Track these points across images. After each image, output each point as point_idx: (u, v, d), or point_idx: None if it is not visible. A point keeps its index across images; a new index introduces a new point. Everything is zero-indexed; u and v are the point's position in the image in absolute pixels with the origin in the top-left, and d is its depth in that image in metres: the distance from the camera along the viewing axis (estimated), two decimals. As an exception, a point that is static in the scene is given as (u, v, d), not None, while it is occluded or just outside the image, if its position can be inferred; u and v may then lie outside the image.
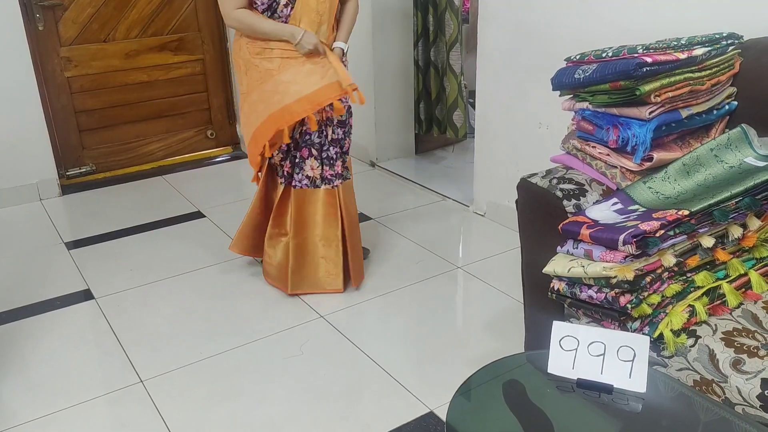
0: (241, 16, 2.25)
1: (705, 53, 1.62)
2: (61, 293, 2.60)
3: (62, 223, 3.26)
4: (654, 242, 1.37)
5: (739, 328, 1.37)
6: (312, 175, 2.42)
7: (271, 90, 2.29)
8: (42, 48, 3.48)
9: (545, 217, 1.66)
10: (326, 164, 2.42)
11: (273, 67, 2.28)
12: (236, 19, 2.26)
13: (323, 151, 2.42)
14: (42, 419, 1.94)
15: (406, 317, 2.41)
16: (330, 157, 2.42)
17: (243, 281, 2.65)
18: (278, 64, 2.28)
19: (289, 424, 1.90)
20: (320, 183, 2.43)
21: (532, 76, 2.72)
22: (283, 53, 2.27)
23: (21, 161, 3.42)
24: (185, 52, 3.91)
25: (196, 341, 2.28)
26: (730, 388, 1.27)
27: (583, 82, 1.66)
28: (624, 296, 1.40)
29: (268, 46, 2.28)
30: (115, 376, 2.12)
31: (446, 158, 3.99)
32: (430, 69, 3.77)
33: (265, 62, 2.29)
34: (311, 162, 2.41)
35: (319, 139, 2.40)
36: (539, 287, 1.66)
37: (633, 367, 1.23)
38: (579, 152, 1.77)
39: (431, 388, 2.02)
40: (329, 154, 2.42)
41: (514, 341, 2.11)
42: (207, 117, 4.12)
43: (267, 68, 2.29)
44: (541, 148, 2.67)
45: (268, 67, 2.29)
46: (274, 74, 2.28)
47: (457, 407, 1.27)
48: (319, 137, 2.39)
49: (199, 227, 3.17)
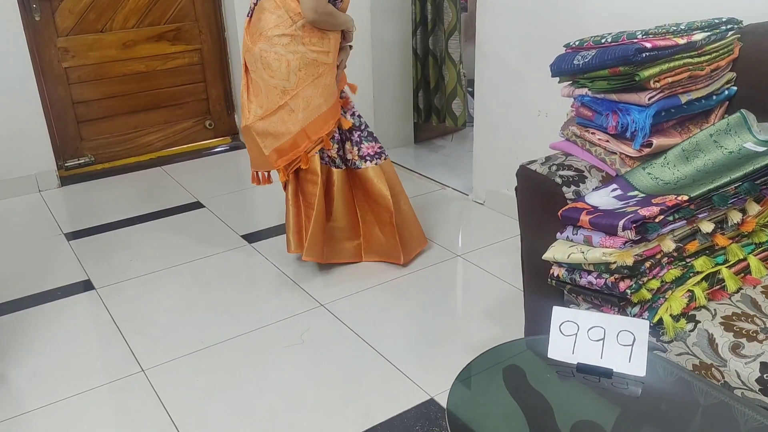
0: (332, 9, 2.27)
1: (704, 38, 1.62)
2: (61, 284, 2.61)
3: (61, 214, 3.26)
4: (653, 227, 1.37)
5: (739, 313, 1.38)
6: (351, 158, 2.51)
7: (331, 83, 2.36)
8: (39, 38, 3.47)
9: (545, 203, 1.66)
10: (371, 140, 2.53)
11: (330, 61, 2.34)
12: (329, 12, 2.25)
13: (365, 129, 2.53)
14: (46, 408, 1.95)
15: (406, 305, 2.42)
16: (353, 140, 2.50)
17: (243, 271, 2.65)
18: (333, 58, 2.35)
19: (290, 412, 1.91)
20: (340, 163, 2.51)
21: (531, 64, 2.71)
22: (336, 45, 2.35)
23: (19, 153, 3.42)
24: (183, 42, 3.89)
25: (196, 330, 2.29)
26: (729, 372, 1.28)
27: (583, 68, 1.65)
28: (623, 281, 1.40)
29: (326, 37, 2.30)
30: (117, 366, 2.12)
31: (445, 147, 3.99)
32: (429, 58, 3.75)
33: (323, 56, 2.30)
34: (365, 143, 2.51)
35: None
36: (539, 274, 1.67)
37: (633, 351, 1.23)
38: (578, 139, 1.77)
39: (431, 375, 2.03)
40: (353, 137, 2.50)
41: (514, 328, 2.12)
42: (205, 107, 4.11)
43: (325, 62, 2.32)
44: (540, 136, 2.65)
45: (327, 61, 2.32)
46: (332, 68, 2.36)
47: (458, 393, 1.27)
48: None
49: (198, 217, 3.17)
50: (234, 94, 4.15)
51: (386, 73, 3.73)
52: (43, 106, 3.45)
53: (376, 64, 3.67)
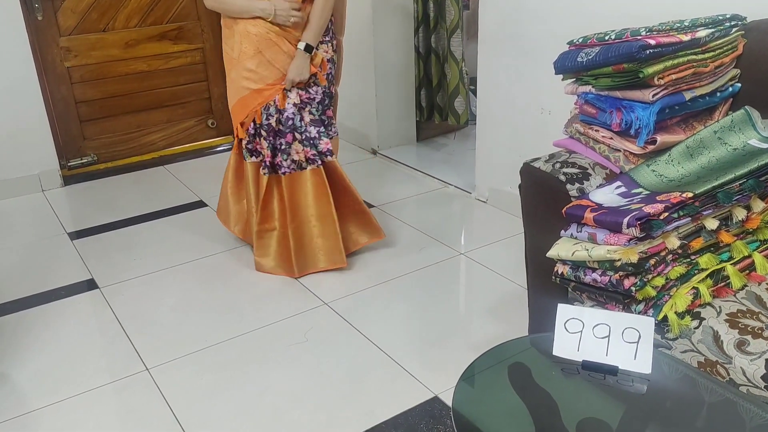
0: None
1: (708, 35, 1.62)
2: (65, 283, 2.61)
3: (65, 213, 3.27)
4: (658, 225, 1.37)
5: (744, 310, 1.38)
6: (297, 159, 2.46)
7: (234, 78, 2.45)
8: (41, 38, 3.47)
9: (548, 201, 1.66)
10: (307, 145, 2.44)
11: (234, 55, 2.41)
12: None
13: (303, 133, 2.44)
14: (50, 406, 1.95)
15: (409, 303, 2.41)
16: (311, 137, 2.44)
17: (246, 269, 2.65)
18: (238, 52, 2.38)
19: (294, 411, 1.91)
20: (305, 164, 2.47)
21: (533, 62, 2.71)
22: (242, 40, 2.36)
23: (22, 152, 3.42)
24: (185, 41, 3.90)
25: (200, 329, 2.29)
26: (734, 369, 1.28)
27: (586, 66, 1.65)
28: (628, 279, 1.40)
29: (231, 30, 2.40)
30: (121, 364, 2.13)
31: (448, 145, 3.98)
32: (431, 56, 3.75)
33: (228, 48, 2.43)
34: (296, 146, 2.45)
35: (300, 123, 2.43)
36: (543, 271, 1.67)
37: (638, 348, 1.23)
38: (582, 136, 1.77)
39: (435, 373, 2.03)
40: (309, 134, 2.44)
41: (518, 326, 2.11)
42: (207, 106, 4.11)
43: (229, 54, 2.43)
44: (543, 134, 2.66)
45: (230, 54, 2.43)
46: (234, 62, 2.41)
47: (463, 391, 1.27)
48: (300, 122, 2.43)
49: (201, 216, 3.17)
50: (236, 93, 4.15)
51: (388, 71, 3.73)
52: (46, 105, 3.46)
53: (378, 62, 3.66)
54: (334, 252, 2.54)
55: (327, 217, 2.50)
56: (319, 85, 2.45)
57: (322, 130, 2.46)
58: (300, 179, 2.48)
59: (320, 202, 2.50)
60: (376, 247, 2.77)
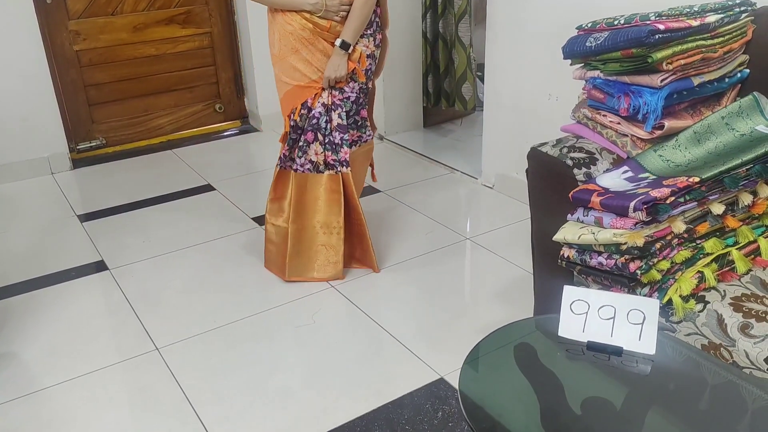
0: None
1: (718, 20, 1.62)
2: (75, 264, 2.64)
3: (74, 196, 3.30)
4: (664, 209, 1.38)
5: (748, 294, 1.39)
6: (315, 160, 2.36)
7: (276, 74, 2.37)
8: (51, 22, 3.48)
9: (555, 185, 1.67)
10: (329, 149, 2.35)
11: (275, 52, 2.33)
12: None
13: (326, 136, 2.34)
14: (63, 384, 1.99)
15: (416, 287, 2.44)
16: (334, 142, 2.34)
17: (254, 252, 2.68)
18: (278, 49, 2.31)
19: (302, 391, 1.94)
20: (323, 168, 2.37)
21: (541, 48, 2.70)
22: (281, 35, 2.27)
23: (32, 135, 3.45)
24: (193, 26, 3.90)
25: (209, 310, 2.32)
26: (737, 352, 1.30)
27: (595, 50, 1.65)
28: (634, 262, 1.41)
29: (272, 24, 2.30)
30: (132, 344, 2.16)
31: (454, 131, 3.99)
32: (439, 41, 3.75)
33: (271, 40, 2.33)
34: (316, 147, 2.35)
35: (325, 125, 2.32)
36: (549, 255, 1.68)
37: (643, 329, 1.25)
38: (589, 121, 1.77)
39: (442, 355, 2.05)
40: (333, 139, 2.34)
41: (524, 310, 2.13)
42: (215, 91, 4.12)
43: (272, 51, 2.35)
44: (550, 120, 2.66)
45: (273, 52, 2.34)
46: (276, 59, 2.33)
47: (469, 371, 1.29)
48: (325, 122, 2.32)
49: (209, 200, 3.19)
50: (244, 78, 4.16)
51: (396, 56, 3.72)
52: (55, 88, 3.47)
53: (385, 48, 3.66)
54: (332, 264, 2.44)
55: (334, 228, 2.40)
56: (356, 81, 2.32)
57: (345, 137, 2.33)
58: (314, 182, 2.37)
59: (331, 211, 2.39)
60: (382, 232, 2.78)
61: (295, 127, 2.35)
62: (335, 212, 2.39)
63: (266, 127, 4.08)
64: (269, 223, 2.51)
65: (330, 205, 2.39)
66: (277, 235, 2.49)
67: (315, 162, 2.36)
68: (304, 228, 2.42)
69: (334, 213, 2.39)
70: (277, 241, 2.50)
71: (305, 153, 2.36)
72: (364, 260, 2.53)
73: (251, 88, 4.10)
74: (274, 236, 2.50)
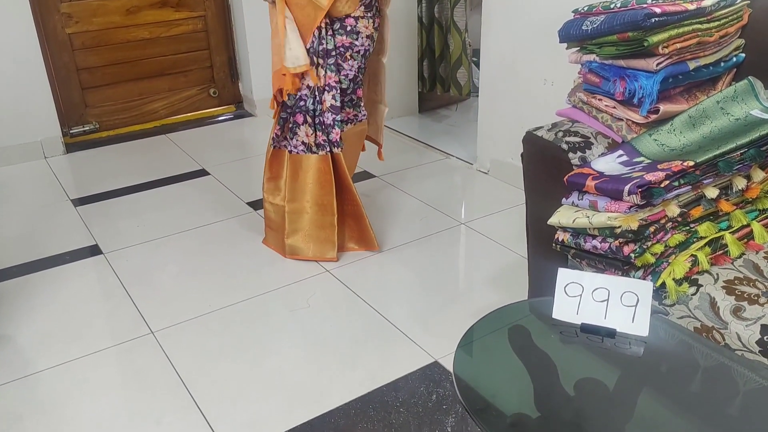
0: None
1: (714, 4, 1.61)
2: (69, 248, 2.63)
3: (68, 180, 3.28)
4: (659, 192, 1.39)
5: (741, 277, 1.40)
6: (307, 141, 2.37)
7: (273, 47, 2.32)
8: (42, 4, 3.45)
9: (550, 169, 1.67)
10: (320, 130, 2.35)
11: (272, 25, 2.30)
12: None
13: (316, 117, 2.34)
14: (57, 367, 1.99)
15: (410, 271, 2.44)
16: (325, 123, 2.34)
17: (249, 236, 2.68)
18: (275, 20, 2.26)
19: (296, 374, 1.94)
20: (316, 149, 2.37)
21: (537, 33, 2.70)
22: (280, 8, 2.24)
23: (25, 119, 3.42)
24: (186, 9, 3.87)
25: (204, 294, 2.32)
26: (729, 335, 1.31)
27: (591, 34, 1.65)
28: (628, 246, 1.42)
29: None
30: (126, 327, 2.16)
31: (450, 116, 3.98)
32: (434, 26, 3.73)
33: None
34: (305, 128, 2.35)
35: (314, 106, 2.33)
36: (543, 239, 1.69)
37: (636, 311, 1.25)
38: (585, 105, 1.77)
39: (436, 339, 2.06)
40: (324, 120, 2.34)
41: (518, 294, 2.14)
42: (209, 75, 4.09)
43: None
44: (546, 105, 2.66)
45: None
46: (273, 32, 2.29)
47: (463, 353, 1.30)
48: (313, 104, 2.32)
49: (204, 185, 3.19)
50: (238, 62, 4.13)
51: (391, 41, 3.69)
52: (48, 72, 3.45)
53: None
54: (326, 244, 2.46)
55: (327, 207, 2.41)
56: (355, 59, 2.35)
57: (338, 118, 2.34)
58: (307, 162, 2.38)
59: (323, 191, 2.40)
60: (377, 217, 2.79)
61: (284, 105, 2.37)
62: (327, 192, 2.40)
63: (261, 112, 4.06)
64: (267, 201, 2.53)
65: (322, 185, 2.41)
66: (276, 213, 2.51)
67: (307, 143, 2.38)
68: (302, 208, 2.45)
69: (326, 192, 2.41)
70: (275, 219, 2.52)
71: (295, 134, 2.38)
72: (362, 241, 2.54)
73: (245, 72, 4.08)
74: (273, 214, 2.53)
